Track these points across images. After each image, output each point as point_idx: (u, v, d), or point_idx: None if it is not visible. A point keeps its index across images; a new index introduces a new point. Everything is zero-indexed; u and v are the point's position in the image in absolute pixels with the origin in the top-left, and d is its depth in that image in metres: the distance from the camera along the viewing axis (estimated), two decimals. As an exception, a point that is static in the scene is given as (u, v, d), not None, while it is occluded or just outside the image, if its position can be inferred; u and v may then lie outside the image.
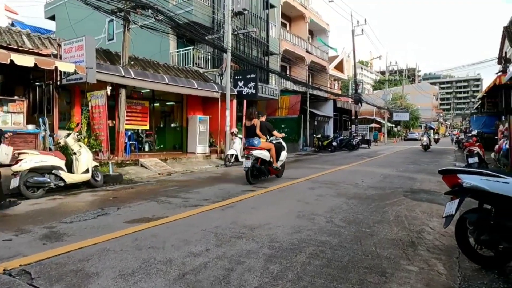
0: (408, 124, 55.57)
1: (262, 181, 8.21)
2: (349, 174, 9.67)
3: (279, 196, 6.42)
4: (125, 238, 3.79)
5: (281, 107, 23.28)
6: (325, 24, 30.03)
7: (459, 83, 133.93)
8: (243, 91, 14.59)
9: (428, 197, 6.48)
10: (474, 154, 8.68)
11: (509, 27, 25.26)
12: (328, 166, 11.77)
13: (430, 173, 10.07)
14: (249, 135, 8.28)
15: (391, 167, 11.56)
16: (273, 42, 22.11)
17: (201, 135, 14.03)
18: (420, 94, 64.24)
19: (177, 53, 17.15)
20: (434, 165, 12.58)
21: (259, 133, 8.15)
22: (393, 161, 14.04)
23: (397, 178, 8.88)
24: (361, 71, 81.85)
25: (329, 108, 25.52)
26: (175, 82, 11.78)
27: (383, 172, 10.20)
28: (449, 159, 15.96)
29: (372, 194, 6.66)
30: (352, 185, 7.70)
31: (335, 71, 43.98)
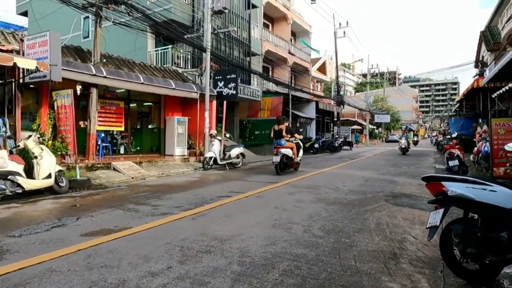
0: (389, 126, 56.52)
1: (241, 186, 7.87)
2: (330, 178, 9.45)
3: (256, 203, 6.08)
4: (77, 255, 3.35)
5: (263, 108, 23.01)
6: (307, 25, 30.01)
7: (438, 86, 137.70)
8: (223, 91, 14.21)
9: (409, 201, 6.29)
10: (455, 157, 8.63)
11: (485, 32, 25.94)
12: (309, 169, 11.53)
13: (410, 176, 9.97)
14: (277, 137, 10.37)
15: (372, 170, 11.43)
16: (255, 43, 21.84)
17: (180, 137, 13.57)
18: (400, 97, 65.51)
19: (156, 52, 16.61)
20: (415, 168, 12.56)
21: (285, 135, 10.29)
22: (374, 164, 13.96)
23: (378, 182, 8.71)
24: (344, 74, 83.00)
25: (311, 110, 25.44)
26: (151, 81, 11.29)
27: (364, 175, 10.04)
28: (429, 161, 16.06)
29: (353, 199, 6.42)
30: (332, 189, 7.45)
31: (318, 73, 44.20)
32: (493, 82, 13.28)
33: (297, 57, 27.77)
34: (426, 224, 3.10)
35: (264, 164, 13.83)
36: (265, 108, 23.00)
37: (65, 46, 10.71)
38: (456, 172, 8.55)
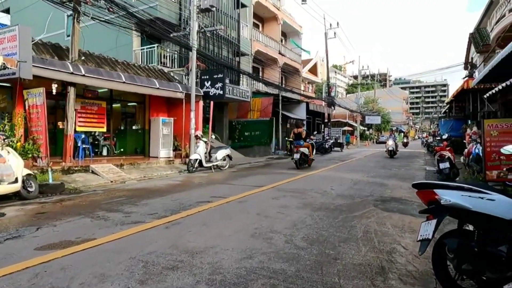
0: (380, 128, 56.70)
1: (224, 190, 7.50)
2: (319, 180, 9.12)
3: (238, 208, 5.71)
4: (22, 275, 2.93)
5: (253, 109, 22.67)
6: (298, 26, 29.78)
7: (427, 88, 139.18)
8: (210, 91, 13.82)
9: (399, 206, 5.99)
10: (445, 159, 8.39)
11: (474, 34, 26.02)
12: (298, 171, 11.20)
13: (401, 179, 9.72)
14: (297, 138, 12.45)
15: (362, 172, 11.16)
16: (245, 43, 21.49)
17: (165, 138, 13.13)
18: (391, 98, 65.85)
19: (141, 51, 16.12)
20: (405, 170, 12.34)
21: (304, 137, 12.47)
22: (364, 165, 13.71)
23: (367, 185, 8.42)
24: (335, 75, 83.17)
25: (302, 111, 25.17)
26: (133, 80, 10.83)
27: (354, 177, 9.74)
28: (420, 163, 15.89)
29: (340, 204, 6.09)
30: (320, 193, 7.12)
31: (309, 74, 44.07)
32: (483, 83, 13.17)
33: (288, 58, 27.51)
34: (417, 236, 2.77)
35: (252, 166, 13.47)
36: (255, 109, 22.66)
37: (42, 43, 10.21)
38: (447, 175, 8.32)
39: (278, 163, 15.11)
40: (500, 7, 18.27)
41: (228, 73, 19.61)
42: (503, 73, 10.84)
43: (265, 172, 11.16)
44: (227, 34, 19.48)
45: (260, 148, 21.33)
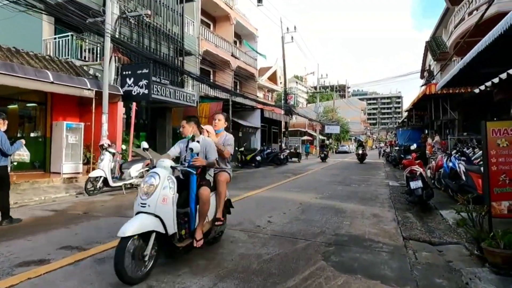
0: (339, 137, 56.42)
1: (107, 229, 4.93)
2: (255, 206, 6.81)
3: (97, 271, 3.21)
4: None
5: (201, 115, 20.13)
6: (253, 28, 27.92)
7: (383, 100, 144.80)
8: (133, 90, 11.14)
9: (362, 258, 3.81)
10: (417, 176, 6.52)
11: (430, 42, 25.69)
12: (235, 191, 8.83)
13: (361, 200, 7.71)
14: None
15: (316, 191, 9.06)
16: (191, 41, 19.04)
17: (72, 149, 10.27)
18: (349, 109, 66.39)
19: (54, 41, 13.10)
20: (366, 186, 10.46)
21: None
22: (320, 180, 11.69)
23: (319, 212, 6.25)
24: (296, 85, 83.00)
25: (256, 118, 23.07)
26: (9, 70, 7.90)
27: (304, 200, 7.57)
28: (381, 176, 14.24)
29: (271, 256, 3.79)
30: (247, 232, 4.79)
31: (269, 82, 42.52)
32: (448, 87, 11.85)
33: (242, 61, 25.44)
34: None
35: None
36: (203, 115, 20.14)
37: None
38: (420, 197, 6.42)
39: (221, 178, 12.69)
40: (459, 11, 17.51)
41: (170, 73, 17.09)
42: (470, 76, 9.43)
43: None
44: (168, 28, 16.97)
45: (208, 160, 18.80)
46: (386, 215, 6.20)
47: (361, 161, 22.85)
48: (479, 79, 10.98)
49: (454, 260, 3.90)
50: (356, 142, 25.06)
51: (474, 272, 3.50)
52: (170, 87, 16.59)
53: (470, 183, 6.49)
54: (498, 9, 13.12)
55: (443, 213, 6.24)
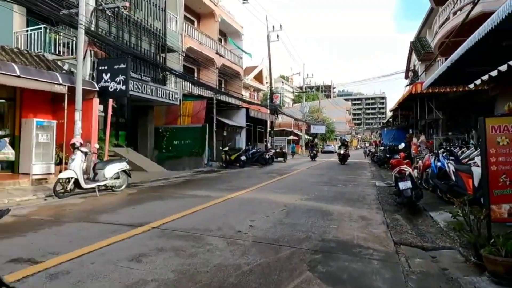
0: (325, 137, 56.57)
1: (65, 238, 4.43)
2: (238, 209, 6.40)
3: None
4: None
5: (184, 114, 19.61)
6: (238, 26, 27.48)
7: (368, 100, 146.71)
8: (110, 86, 10.54)
9: (352, 267, 3.46)
10: (406, 176, 6.25)
11: (415, 43, 25.84)
12: (217, 192, 8.42)
13: (348, 201, 7.41)
14: None
15: (301, 192, 8.73)
16: (173, 37, 18.46)
17: (43, 148, 9.61)
18: (335, 109, 66.85)
19: (26, 34, 12.34)
20: (352, 186, 10.20)
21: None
22: (306, 181, 11.38)
23: (305, 215, 5.90)
24: (282, 85, 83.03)
25: (241, 118, 22.64)
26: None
27: (289, 201, 7.21)
28: (367, 176, 14.06)
29: (251, 267, 3.39)
30: (227, 239, 4.38)
31: (255, 81, 42.17)
32: (434, 86, 11.74)
33: (227, 59, 24.96)
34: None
35: (167, 184, 10.42)
36: (186, 114, 19.61)
37: None
38: (409, 198, 6.15)
39: (203, 178, 12.22)
40: (443, 11, 17.54)
41: (151, 70, 16.47)
42: (456, 74, 9.30)
43: (175, 195, 8.21)
44: (149, 24, 16.35)
45: (191, 160, 18.29)
46: (375, 217, 5.90)
47: (343, 162, 20.65)
48: (464, 78, 10.91)
49: (449, 267, 3.60)
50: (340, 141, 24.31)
51: (473, 281, 3.20)
52: (151, 84, 16.00)
53: (460, 183, 6.27)
54: (482, 9, 13.10)
55: (433, 215, 5.99)
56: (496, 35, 5.72)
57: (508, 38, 6.47)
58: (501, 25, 5.23)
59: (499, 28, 5.37)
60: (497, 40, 6.44)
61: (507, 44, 6.63)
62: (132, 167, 13.82)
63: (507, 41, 6.59)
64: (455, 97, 14.97)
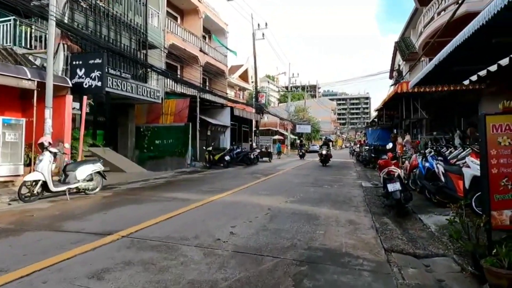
0: (310, 136, 56.65)
1: (18, 251, 3.93)
2: (218, 214, 6.00)
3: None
4: None
5: (166, 112, 19.01)
6: (223, 23, 26.99)
7: (352, 100, 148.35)
8: (84, 82, 9.92)
9: (341, 281, 3.12)
10: (395, 178, 5.99)
11: (400, 43, 25.97)
12: (198, 195, 7.99)
13: (335, 204, 7.11)
14: None
15: (286, 193, 8.39)
16: (155, 33, 17.85)
17: (11, 148, 8.91)
18: (320, 109, 67.11)
19: (-5, 27, 11.54)
20: (338, 187, 9.94)
21: None
22: (291, 182, 11.06)
23: (289, 219, 5.55)
24: (268, 85, 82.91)
25: (226, 117, 22.19)
26: None
27: (273, 204, 6.85)
28: (352, 176, 13.88)
29: (227, 284, 3.00)
30: (203, 248, 3.97)
31: (240, 80, 41.74)
32: (420, 85, 11.65)
33: (211, 57, 24.44)
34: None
35: (146, 186, 9.90)
36: (168, 113, 19.02)
37: None
38: (398, 200, 5.90)
39: (185, 179, 11.74)
40: (428, 11, 17.57)
41: (131, 67, 15.84)
42: (443, 73, 9.18)
43: (153, 198, 7.72)
44: (129, 18, 15.72)
45: (173, 160, 17.74)
46: (363, 221, 5.61)
47: (324, 164, 18.62)
48: (451, 78, 10.80)
49: (445, 278, 3.31)
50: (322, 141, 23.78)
51: (474, 296, 2.92)
52: (131, 81, 15.39)
53: (450, 185, 6.06)
54: (467, 9, 13.10)
55: (423, 218, 5.74)
56: (486, 31, 5.52)
57: (497, 35, 6.31)
58: (492, 20, 5.03)
59: (490, 24, 5.17)
60: (487, 37, 6.27)
61: (496, 42, 6.47)
62: (109, 168, 13.25)
63: (496, 38, 6.43)
64: (440, 97, 14.97)
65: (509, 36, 6.24)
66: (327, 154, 18.83)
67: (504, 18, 4.90)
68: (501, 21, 5.14)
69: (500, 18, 4.90)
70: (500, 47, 6.36)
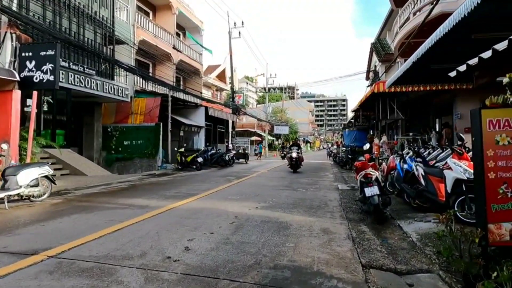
0: (288, 138, 56.47)
1: None
2: (176, 224, 5.28)
3: None
4: None
5: (136, 112, 18.02)
6: (198, 21, 26.15)
7: (330, 102, 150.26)
8: (35, 76, 8.88)
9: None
10: (373, 181, 5.49)
11: (376, 44, 26.03)
12: (160, 201, 7.24)
13: (309, 209, 6.55)
14: None
15: (257, 198, 7.77)
16: (124, 28, 16.84)
17: None
18: (298, 110, 67.10)
19: None
20: (314, 190, 9.42)
21: None
22: (264, 185, 10.46)
23: (257, 230, 4.92)
24: (247, 86, 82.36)
25: (200, 117, 21.36)
26: None
27: (241, 211, 6.21)
28: (329, 178, 13.45)
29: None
30: (147, 270, 3.27)
31: (218, 81, 40.92)
32: (397, 84, 11.38)
33: (185, 55, 23.55)
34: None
35: (105, 191, 9.00)
36: (138, 112, 18.03)
37: None
38: (376, 206, 5.41)
39: (152, 183, 10.90)
40: (403, 12, 17.51)
41: (97, 63, 14.81)
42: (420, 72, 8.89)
43: (107, 205, 6.90)
44: (93, 11, 14.68)
45: (143, 162, 16.80)
46: (338, 229, 5.06)
47: (295, 169, 15.24)
48: (427, 77, 10.54)
49: (433, 303, 2.78)
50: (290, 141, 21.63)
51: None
52: (96, 78, 14.38)
53: (431, 188, 5.62)
54: (442, 9, 12.99)
55: (403, 225, 5.27)
56: (465, 26, 5.16)
57: (477, 31, 5.99)
58: (472, 14, 4.63)
59: (470, 18, 4.78)
60: (466, 33, 5.95)
61: (475, 38, 6.15)
62: (69, 171, 12.20)
63: (476, 34, 6.11)
64: (415, 98, 14.85)
65: (488, 31, 5.92)
66: (298, 158, 15.31)
67: (484, 12, 4.54)
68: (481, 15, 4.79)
69: (480, 11, 4.53)
70: (479, 43, 5.98)
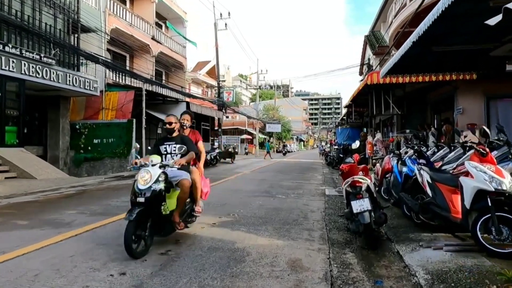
0: (281, 136, 55.08)
1: None
2: (87, 252, 3.77)
3: None
4: None
5: (107, 107, 16.43)
6: (181, 11, 24.54)
7: (324, 100, 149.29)
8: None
9: None
10: (363, 192, 4.01)
11: (369, 36, 24.69)
12: (93, 215, 5.72)
13: (283, 225, 5.08)
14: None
15: (221, 208, 6.29)
16: (92, 14, 15.23)
17: None
18: (292, 108, 65.75)
19: None
20: (295, 197, 7.94)
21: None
22: (239, 190, 8.96)
23: (195, 264, 3.42)
24: (240, 84, 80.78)
25: (180, 113, 19.75)
26: None
27: (188, 231, 4.70)
28: (317, 179, 12.02)
29: None
30: None
31: (207, 77, 39.31)
32: (393, 73, 9.99)
33: (166, 47, 21.97)
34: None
35: (47, 198, 7.45)
36: (110, 107, 16.43)
37: None
38: (366, 226, 3.96)
39: (110, 188, 9.35)
40: (396, 1, 16.13)
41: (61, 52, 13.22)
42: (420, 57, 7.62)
43: (23, 220, 5.36)
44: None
45: (114, 161, 15.25)
46: (314, 261, 3.59)
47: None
48: (427, 65, 9.14)
49: None
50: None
51: None
52: (57, 68, 12.80)
53: (440, 201, 4.15)
54: (442, -10, 11.53)
55: (404, 253, 3.80)
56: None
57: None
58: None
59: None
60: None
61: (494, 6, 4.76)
62: (16, 173, 10.60)
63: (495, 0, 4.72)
64: (412, 91, 13.48)
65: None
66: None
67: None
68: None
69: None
70: (496, 12, 4.50)
